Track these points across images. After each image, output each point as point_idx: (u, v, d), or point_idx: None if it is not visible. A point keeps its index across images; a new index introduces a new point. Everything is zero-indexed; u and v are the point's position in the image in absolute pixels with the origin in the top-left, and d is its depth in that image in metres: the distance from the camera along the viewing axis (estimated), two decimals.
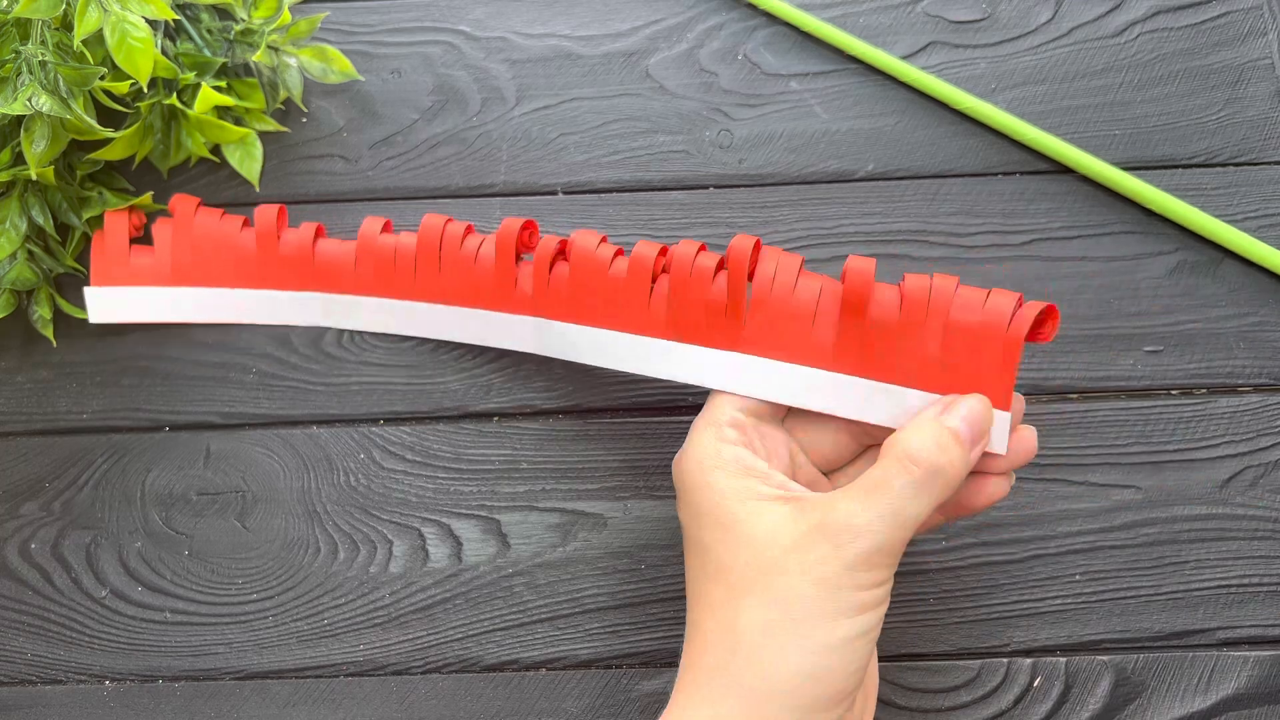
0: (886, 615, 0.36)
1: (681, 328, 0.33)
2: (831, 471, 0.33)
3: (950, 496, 0.29)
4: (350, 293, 0.39)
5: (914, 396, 0.30)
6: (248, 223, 0.40)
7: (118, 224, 0.40)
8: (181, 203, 0.40)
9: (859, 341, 0.31)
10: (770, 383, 0.31)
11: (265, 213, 0.39)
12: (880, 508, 0.28)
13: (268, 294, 0.39)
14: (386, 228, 0.39)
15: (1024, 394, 0.38)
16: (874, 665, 0.32)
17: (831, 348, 0.31)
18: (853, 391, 0.31)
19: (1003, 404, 0.29)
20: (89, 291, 0.39)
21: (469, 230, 0.37)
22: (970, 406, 0.29)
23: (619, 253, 0.34)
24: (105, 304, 0.39)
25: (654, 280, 0.33)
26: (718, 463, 0.29)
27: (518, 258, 0.36)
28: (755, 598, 0.28)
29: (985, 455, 0.30)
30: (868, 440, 0.32)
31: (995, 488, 0.31)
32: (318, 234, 0.39)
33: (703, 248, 0.32)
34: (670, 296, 0.33)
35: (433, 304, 0.38)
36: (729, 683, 0.27)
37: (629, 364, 0.34)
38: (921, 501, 0.28)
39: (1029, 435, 0.31)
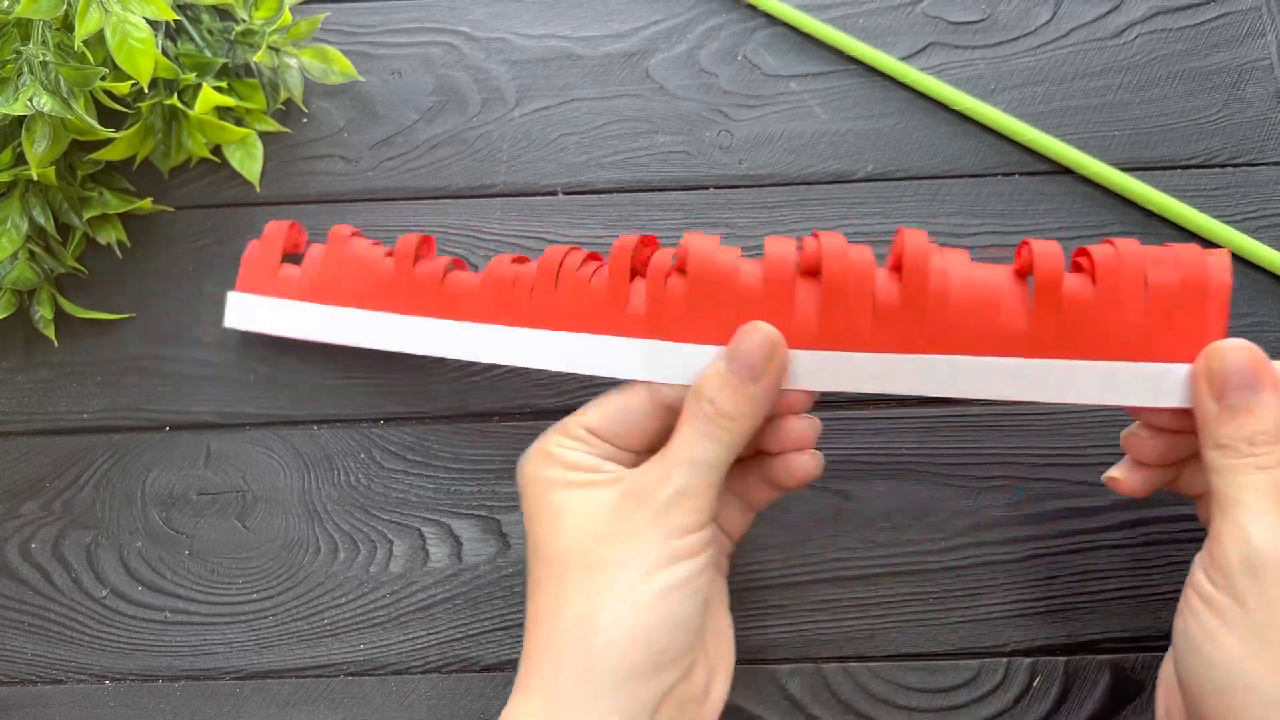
0: (886, 614, 0.36)
1: (836, 336, 0.30)
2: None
3: (746, 440, 0.29)
4: (471, 319, 0.35)
5: (1122, 369, 0.29)
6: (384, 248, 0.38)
7: (275, 235, 0.39)
8: (341, 228, 0.38)
9: (1054, 322, 0.29)
10: (965, 379, 0.30)
11: (409, 241, 0.36)
12: (677, 454, 0.29)
13: (397, 320, 0.36)
14: (520, 260, 0.36)
15: None
16: (725, 640, 0.31)
17: (1025, 333, 0.29)
18: (1053, 375, 0.29)
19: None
20: (232, 296, 0.38)
21: (595, 258, 0.34)
22: (742, 341, 0.30)
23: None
24: (244, 311, 0.38)
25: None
26: (549, 460, 0.30)
27: (632, 276, 0.33)
28: (577, 573, 0.28)
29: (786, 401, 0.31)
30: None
31: (796, 434, 0.31)
32: (454, 264, 0.37)
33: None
34: (825, 302, 0.30)
35: (545, 330, 0.34)
36: (559, 661, 0.28)
37: (792, 382, 0.31)
38: (712, 443, 0.29)
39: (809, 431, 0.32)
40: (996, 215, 0.40)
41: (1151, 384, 0.29)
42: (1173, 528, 0.36)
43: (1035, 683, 0.35)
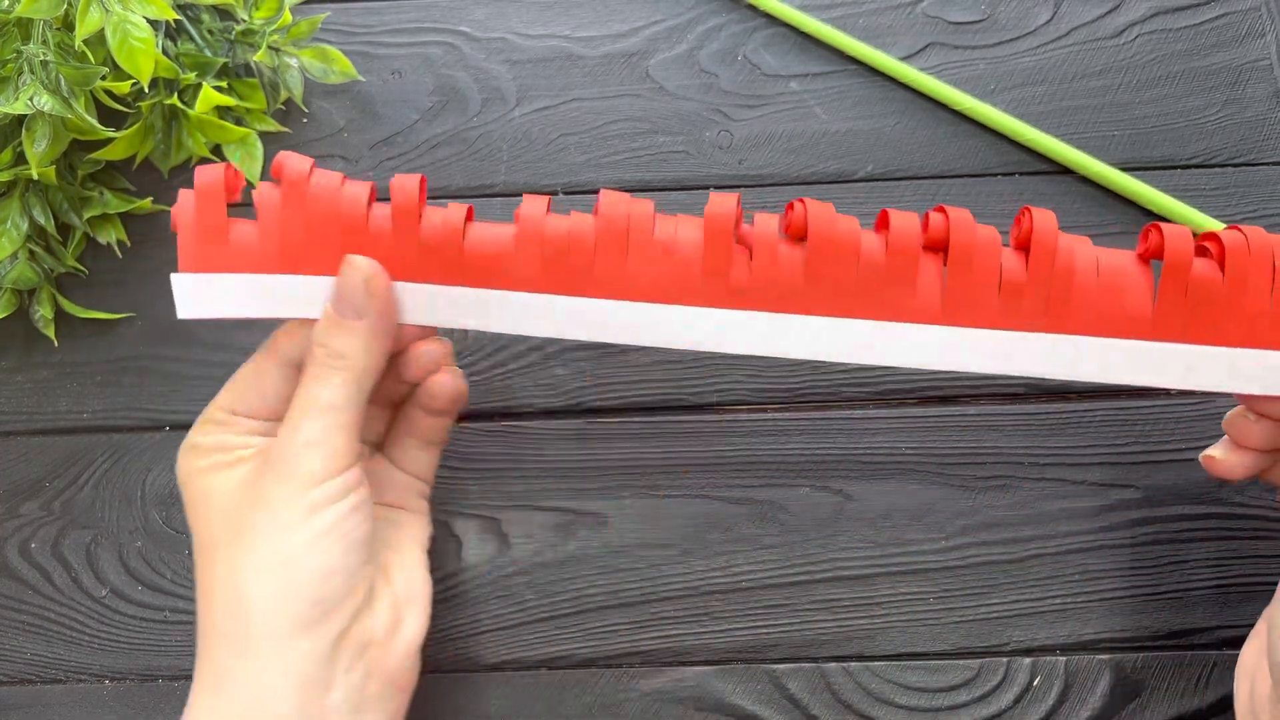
0: (886, 614, 0.36)
1: (960, 312, 0.30)
2: None
3: (370, 377, 0.30)
4: (504, 288, 0.31)
5: (1245, 356, 0.29)
6: (375, 191, 0.31)
7: (212, 185, 0.30)
8: (292, 162, 0.30)
9: (1180, 306, 0.29)
10: (1088, 360, 0.30)
11: (404, 184, 0.30)
12: (298, 404, 0.29)
13: (414, 288, 0.31)
14: (549, 207, 0.31)
15: (1026, 393, 0.38)
16: (416, 577, 0.32)
17: (1149, 316, 0.29)
18: (1176, 359, 0.29)
19: None
20: (176, 280, 0.30)
21: (653, 211, 0.31)
22: (341, 280, 0.29)
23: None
24: (199, 296, 0.30)
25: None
26: (194, 453, 0.30)
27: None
28: (224, 549, 0.28)
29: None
30: None
31: (427, 359, 0.32)
32: (469, 217, 0.31)
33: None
34: (951, 276, 0.29)
35: (622, 303, 0.30)
36: (217, 637, 0.28)
37: (910, 359, 0.30)
38: (330, 386, 0.29)
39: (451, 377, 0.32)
40: (997, 215, 0.40)
41: (1276, 373, 0.29)
42: (1173, 527, 0.36)
43: (1035, 683, 0.35)
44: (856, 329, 0.30)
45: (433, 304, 0.31)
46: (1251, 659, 0.30)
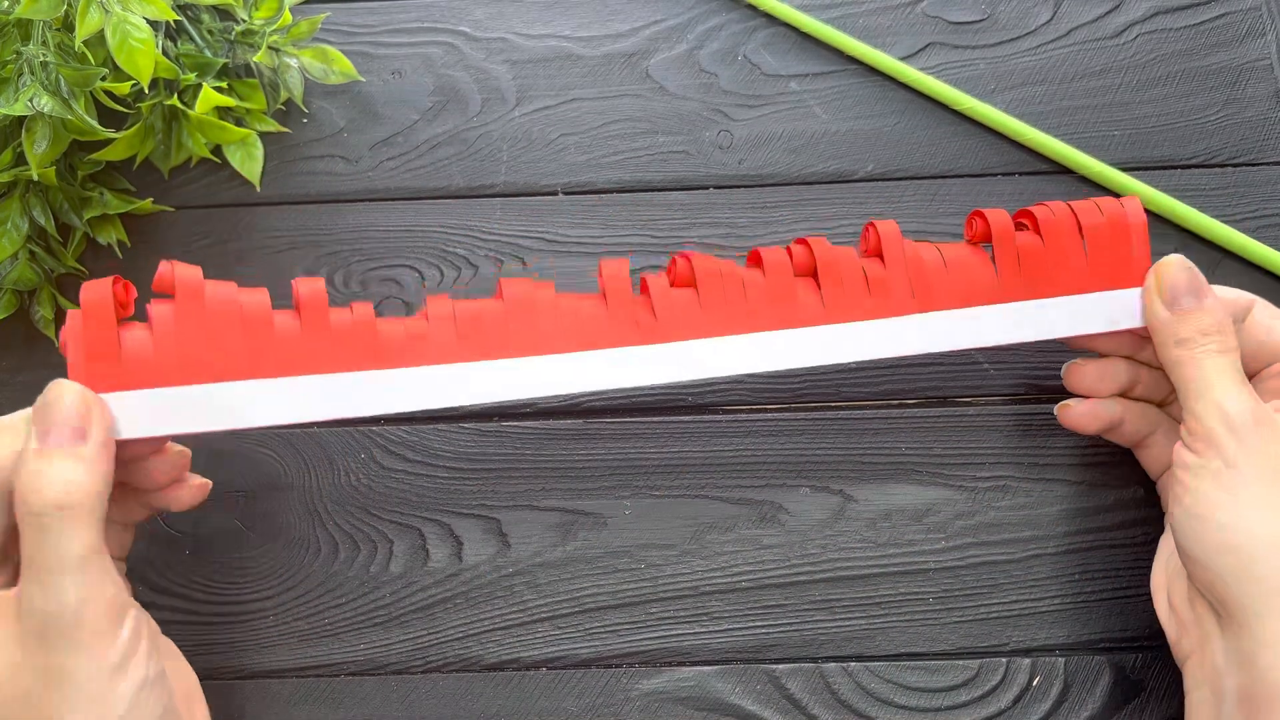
0: (886, 614, 0.36)
1: (840, 313, 0.33)
2: None
3: (104, 503, 0.26)
4: (424, 363, 0.31)
5: (1087, 301, 0.34)
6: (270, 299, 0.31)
7: (99, 303, 0.29)
8: (182, 273, 0.30)
9: (1017, 272, 0.34)
10: (959, 329, 0.34)
11: (310, 282, 0.31)
12: (44, 560, 0.26)
13: (319, 381, 0.30)
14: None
15: (1025, 393, 0.38)
16: (183, 667, 0.31)
17: (996, 283, 0.34)
18: (1028, 316, 0.34)
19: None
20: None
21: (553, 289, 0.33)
22: (42, 410, 0.27)
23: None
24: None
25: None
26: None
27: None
28: None
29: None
30: None
31: (165, 470, 0.31)
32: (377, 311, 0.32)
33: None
34: (825, 289, 0.33)
35: (541, 357, 0.32)
36: None
37: (809, 357, 0.33)
38: (69, 528, 0.25)
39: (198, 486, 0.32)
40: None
41: (1110, 309, 0.34)
42: None
43: (1035, 683, 0.35)
44: (756, 340, 0.33)
45: (185, 409, 0.29)
46: (1161, 577, 0.33)
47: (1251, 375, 0.32)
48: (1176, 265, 0.32)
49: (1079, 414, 0.34)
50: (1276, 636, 0.27)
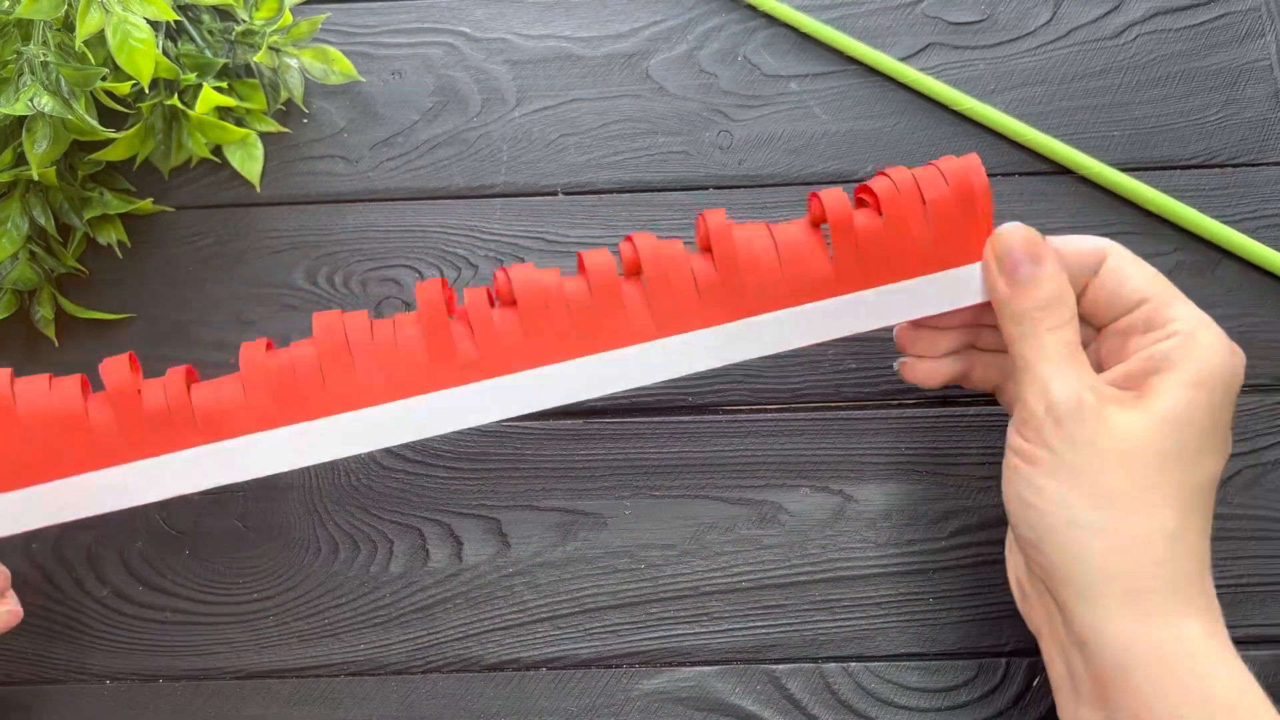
0: (886, 614, 0.36)
1: (669, 322, 0.32)
2: None
3: None
4: (249, 432, 0.31)
5: (926, 283, 0.32)
6: (87, 384, 0.32)
7: None
8: None
9: (856, 258, 0.32)
10: (790, 330, 0.32)
11: (115, 366, 0.31)
12: None
13: (147, 465, 0.31)
14: (269, 347, 0.32)
15: None
16: None
17: (833, 275, 0.32)
18: (866, 306, 0.32)
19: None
20: None
21: (369, 317, 0.32)
22: None
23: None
24: None
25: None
26: None
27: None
28: None
29: None
30: None
31: None
32: (189, 376, 0.32)
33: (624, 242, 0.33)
34: (651, 295, 0.32)
35: (365, 411, 0.32)
36: None
37: (636, 378, 0.32)
38: None
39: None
40: (997, 215, 0.40)
41: (951, 289, 0.32)
42: None
43: (1035, 683, 0.35)
44: (579, 367, 0.32)
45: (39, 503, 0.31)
46: (1011, 553, 0.33)
47: (1100, 327, 0.32)
48: (1010, 234, 0.31)
49: (922, 372, 0.34)
50: (1102, 622, 0.27)
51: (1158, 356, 0.29)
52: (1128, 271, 0.31)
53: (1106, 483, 0.28)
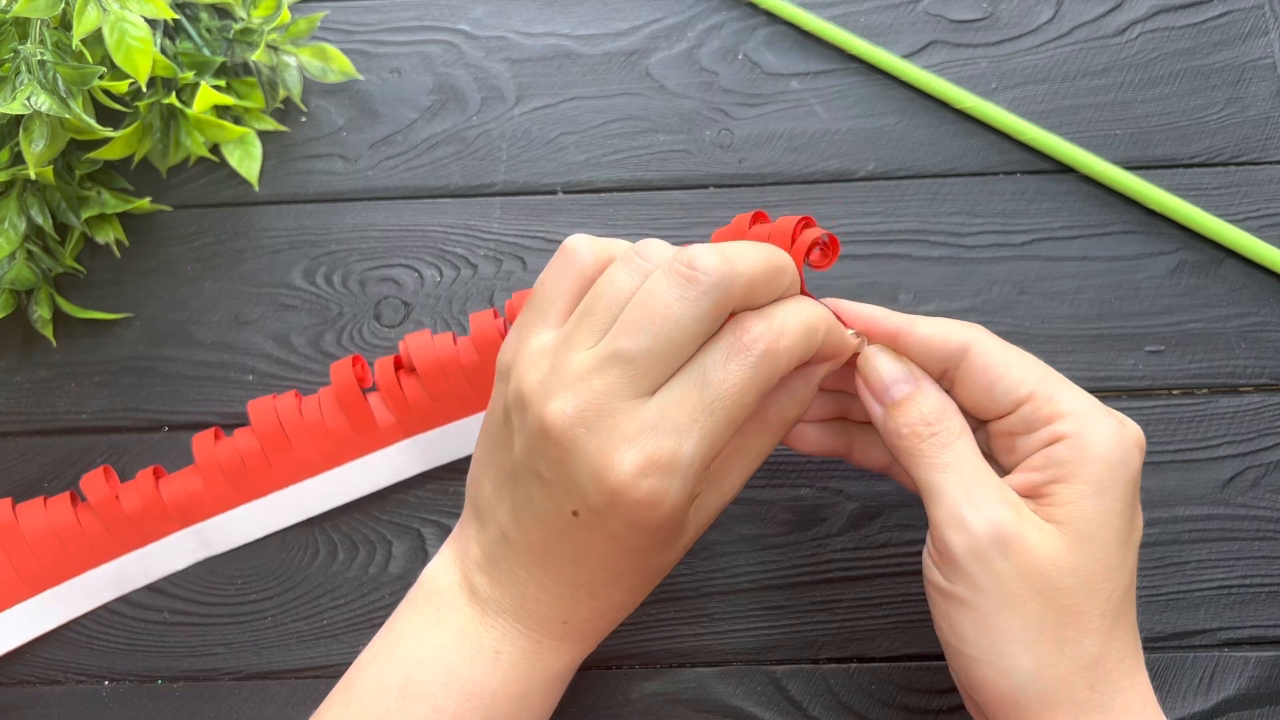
0: (887, 615, 0.36)
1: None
2: None
3: None
4: (215, 514, 0.37)
5: None
6: (75, 497, 0.37)
7: None
8: None
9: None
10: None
11: (93, 480, 0.36)
12: None
13: (135, 556, 0.37)
14: (218, 435, 0.37)
15: None
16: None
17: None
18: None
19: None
20: None
21: (297, 397, 0.37)
22: None
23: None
24: None
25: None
26: None
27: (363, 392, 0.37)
28: None
29: None
30: None
31: None
32: (156, 475, 0.37)
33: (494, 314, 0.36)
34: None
35: (308, 481, 0.37)
36: None
37: None
38: None
39: None
40: (998, 214, 0.40)
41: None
42: (1173, 528, 0.36)
43: None
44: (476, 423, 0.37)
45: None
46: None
47: (982, 421, 0.30)
48: (882, 358, 0.29)
49: (797, 438, 0.33)
50: None
51: (1054, 463, 0.27)
52: (996, 372, 0.28)
53: (1031, 618, 0.26)
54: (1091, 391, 0.37)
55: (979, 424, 0.30)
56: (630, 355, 0.26)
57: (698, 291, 0.26)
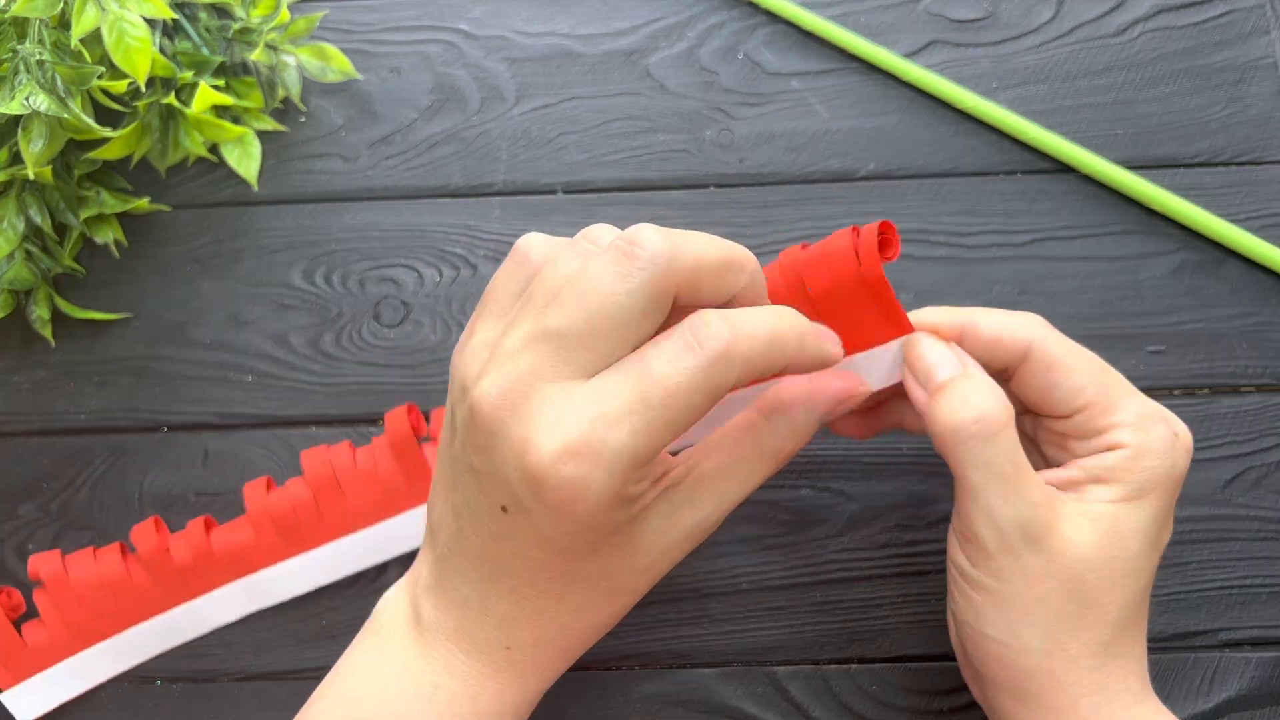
0: (888, 616, 0.36)
1: None
2: None
3: None
4: (263, 567, 0.36)
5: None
6: (124, 548, 0.37)
7: None
8: (44, 563, 0.36)
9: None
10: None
11: (144, 531, 0.36)
12: None
13: (186, 609, 0.36)
14: (270, 485, 0.37)
15: None
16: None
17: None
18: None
19: (906, 328, 0.29)
20: (6, 698, 0.36)
21: (351, 447, 0.37)
22: None
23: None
24: (29, 702, 0.36)
25: None
26: None
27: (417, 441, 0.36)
28: None
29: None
30: None
31: None
32: (207, 526, 0.37)
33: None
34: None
35: (361, 532, 0.36)
36: None
37: None
38: None
39: None
40: (999, 214, 0.40)
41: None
42: (1175, 530, 0.36)
43: None
44: None
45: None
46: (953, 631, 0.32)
47: (1033, 413, 0.30)
48: (922, 344, 0.29)
49: (850, 424, 0.33)
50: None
51: (1103, 468, 0.28)
52: (1056, 376, 0.28)
53: (1052, 606, 0.27)
54: None
55: (1029, 415, 0.30)
56: (558, 332, 0.24)
57: (634, 267, 0.24)
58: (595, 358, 0.24)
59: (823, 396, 0.28)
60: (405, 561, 0.37)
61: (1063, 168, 0.40)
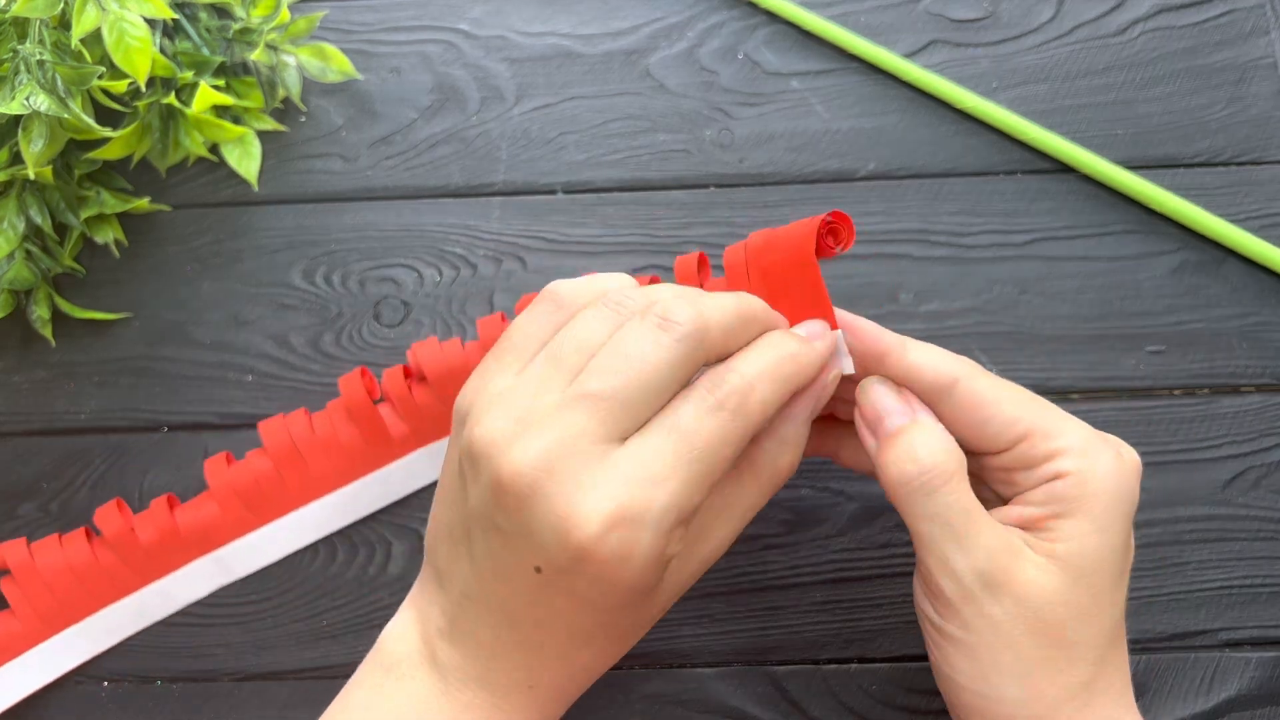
0: (887, 616, 0.36)
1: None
2: None
3: None
4: (232, 539, 0.37)
5: None
6: (90, 532, 0.37)
7: None
8: (10, 551, 0.36)
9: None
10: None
11: (107, 514, 0.36)
12: None
13: (155, 588, 0.36)
14: (229, 460, 0.37)
15: None
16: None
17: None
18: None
19: (832, 321, 0.29)
20: None
21: (306, 414, 0.37)
22: None
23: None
24: (3, 691, 0.36)
25: None
26: None
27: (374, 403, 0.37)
28: None
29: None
30: None
31: None
32: (171, 504, 0.37)
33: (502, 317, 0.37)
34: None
35: (325, 498, 0.37)
36: None
37: None
38: None
39: None
40: (999, 214, 0.40)
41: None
42: (1173, 529, 0.36)
43: None
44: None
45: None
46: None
47: (974, 453, 0.29)
48: (877, 388, 0.29)
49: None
50: None
51: (1054, 499, 0.27)
52: (987, 410, 0.28)
53: (1024, 653, 0.26)
54: (1092, 392, 0.38)
55: (970, 455, 0.29)
56: (601, 396, 0.25)
57: (671, 339, 0.25)
58: (632, 421, 0.25)
59: (798, 405, 0.28)
60: (385, 550, 0.37)
61: (1063, 168, 0.40)
